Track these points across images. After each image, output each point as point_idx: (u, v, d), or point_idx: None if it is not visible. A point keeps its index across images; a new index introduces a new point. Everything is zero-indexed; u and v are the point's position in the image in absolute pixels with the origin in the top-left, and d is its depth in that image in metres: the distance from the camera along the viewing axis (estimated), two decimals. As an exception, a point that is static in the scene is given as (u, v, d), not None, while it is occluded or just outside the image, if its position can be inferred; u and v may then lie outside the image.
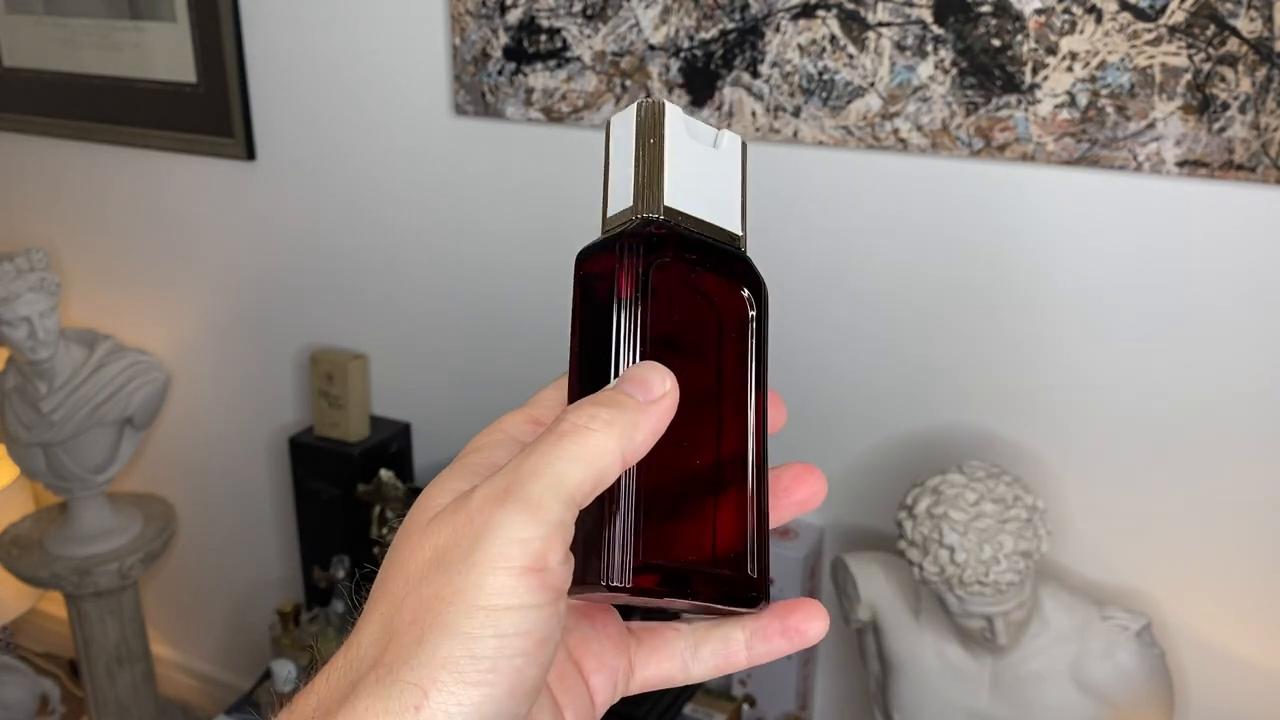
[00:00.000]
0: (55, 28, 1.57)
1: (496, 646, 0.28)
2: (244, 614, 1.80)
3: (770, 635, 0.37)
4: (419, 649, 0.28)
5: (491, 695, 0.28)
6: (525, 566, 0.29)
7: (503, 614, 0.29)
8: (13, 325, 1.46)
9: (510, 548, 0.29)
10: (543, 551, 0.29)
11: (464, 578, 0.29)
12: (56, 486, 1.60)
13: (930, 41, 1.03)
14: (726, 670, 0.38)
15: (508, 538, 0.29)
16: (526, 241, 1.33)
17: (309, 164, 1.45)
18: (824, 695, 1.33)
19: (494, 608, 0.29)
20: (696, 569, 0.34)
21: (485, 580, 0.29)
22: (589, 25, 1.18)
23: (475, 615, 0.29)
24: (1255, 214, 0.96)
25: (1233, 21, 0.91)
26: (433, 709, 0.28)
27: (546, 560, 0.29)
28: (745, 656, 0.37)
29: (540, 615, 0.29)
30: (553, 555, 0.30)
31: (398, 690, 0.28)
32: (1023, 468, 1.10)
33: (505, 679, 0.28)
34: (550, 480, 0.30)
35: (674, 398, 0.32)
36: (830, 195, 1.13)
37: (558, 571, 0.30)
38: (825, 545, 1.26)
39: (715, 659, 0.38)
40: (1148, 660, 1.01)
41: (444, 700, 0.28)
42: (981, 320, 1.10)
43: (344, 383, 1.44)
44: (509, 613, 0.29)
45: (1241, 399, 1.01)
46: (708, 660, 0.38)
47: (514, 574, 0.29)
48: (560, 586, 0.30)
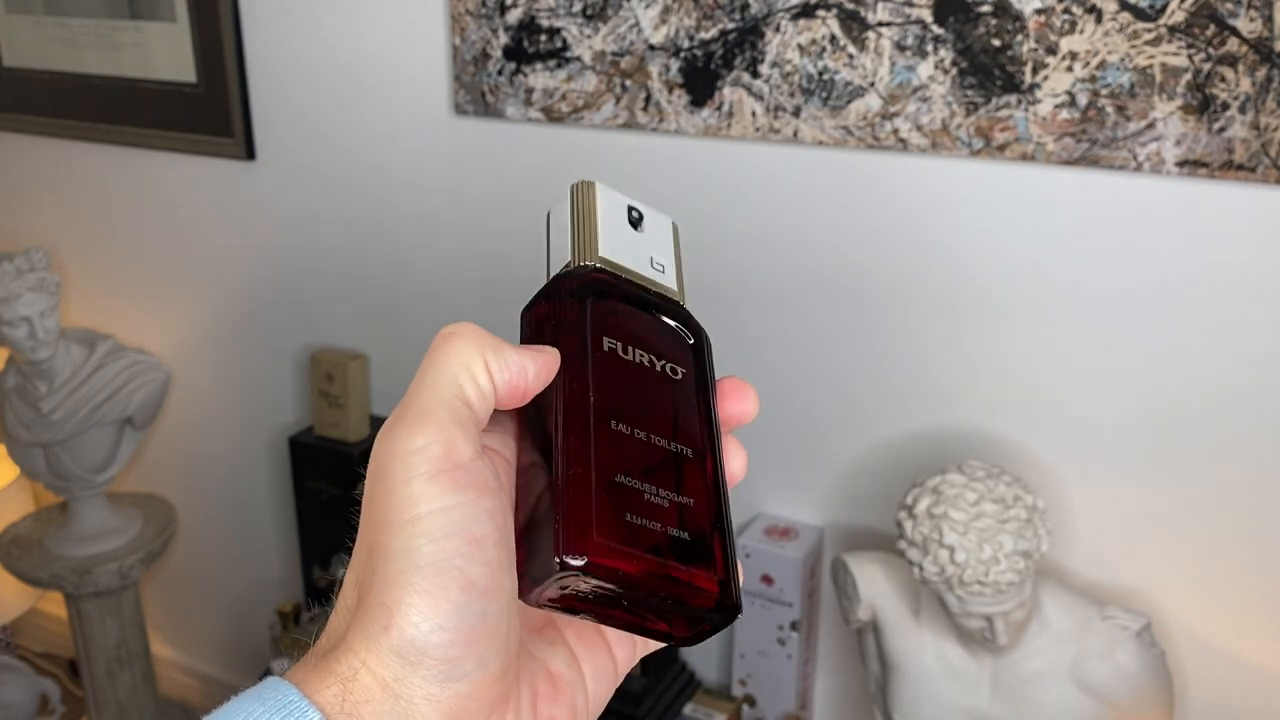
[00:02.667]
0: (55, 27, 1.57)
1: (433, 553, 0.30)
2: (244, 614, 1.80)
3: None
4: (375, 577, 0.31)
5: (446, 597, 0.30)
6: (433, 470, 0.31)
7: (426, 520, 0.30)
8: (13, 325, 1.46)
9: (411, 459, 0.31)
10: (445, 451, 0.31)
11: (385, 502, 0.31)
12: (56, 486, 1.60)
13: (930, 41, 1.03)
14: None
15: (407, 450, 0.31)
16: (526, 241, 1.33)
17: (309, 164, 1.45)
18: (824, 695, 1.33)
19: (417, 517, 0.31)
20: (660, 563, 0.33)
21: (401, 495, 0.31)
22: (589, 25, 1.18)
23: (404, 530, 0.31)
24: (1255, 214, 0.96)
25: (1233, 21, 0.91)
26: (399, 623, 0.30)
27: (454, 457, 0.31)
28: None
29: (464, 512, 0.31)
30: (458, 451, 0.31)
31: (370, 616, 0.31)
32: (1022, 467, 1.10)
33: (453, 580, 0.30)
34: (428, 391, 0.32)
35: (550, 353, 0.35)
36: (830, 195, 1.13)
37: (472, 467, 0.32)
38: (825, 545, 1.26)
39: None
40: (1148, 660, 1.01)
41: (406, 613, 0.30)
42: (982, 320, 1.10)
43: (344, 382, 1.44)
44: (431, 517, 0.30)
45: (1242, 399, 1.01)
46: None
47: (425, 479, 0.31)
48: (480, 483, 0.32)
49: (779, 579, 1.21)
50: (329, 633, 0.33)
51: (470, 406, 0.33)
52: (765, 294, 1.19)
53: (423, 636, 0.30)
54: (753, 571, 1.22)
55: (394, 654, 0.30)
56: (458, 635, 0.30)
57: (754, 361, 1.22)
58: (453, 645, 0.30)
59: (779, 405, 1.22)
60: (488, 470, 0.32)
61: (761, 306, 1.20)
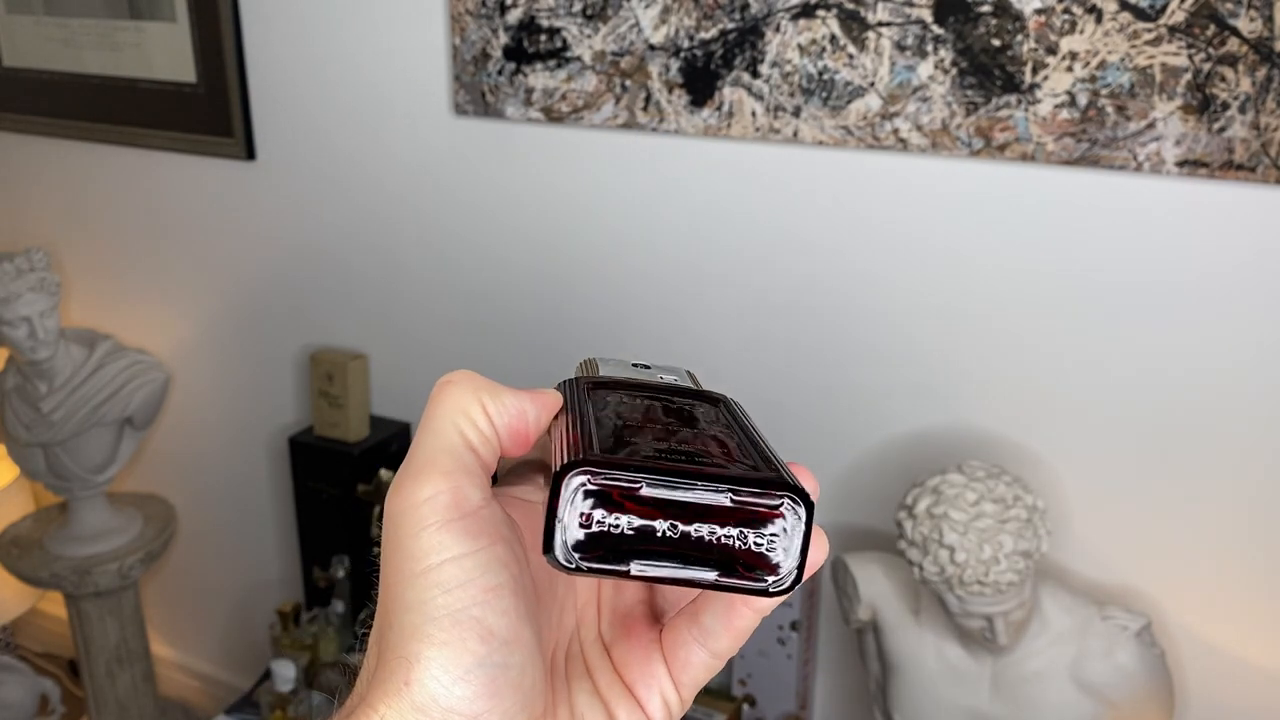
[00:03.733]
0: (55, 28, 1.57)
1: (446, 604, 0.30)
2: (244, 614, 1.80)
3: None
4: (391, 631, 0.30)
5: (466, 649, 0.29)
6: (443, 520, 0.30)
7: (438, 570, 0.30)
8: (13, 325, 1.46)
9: (420, 510, 0.31)
10: (453, 500, 0.31)
11: (397, 555, 0.31)
12: (56, 486, 1.60)
13: (930, 41, 1.03)
14: (736, 633, 0.35)
15: (415, 502, 0.31)
16: (526, 241, 1.33)
17: (309, 164, 1.45)
18: (824, 695, 1.33)
19: (429, 568, 0.30)
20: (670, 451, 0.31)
21: (412, 547, 0.30)
22: (589, 25, 1.18)
23: (416, 582, 0.30)
24: (1255, 214, 0.96)
25: (1233, 21, 0.91)
26: (419, 677, 0.29)
27: (462, 506, 0.31)
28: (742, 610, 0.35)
29: (477, 560, 0.30)
30: (466, 499, 0.31)
31: (388, 672, 0.30)
32: (1022, 467, 1.10)
33: (470, 630, 0.30)
34: (430, 440, 0.32)
35: (550, 393, 0.34)
36: (830, 195, 1.13)
37: (482, 514, 0.31)
38: (825, 545, 1.26)
39: (719, 624, 0.35)
40: (1147, 660, 1.01)
41: (426, 666, 0.29)
42: (981, 320, 1.10)
43: (344, 383, 1.44)
44: (444, 567, 0.30)
45: (1242, 399, 1.01)
46: (718, 632, 0.35)
47: (435, 530, 0.30)
48: (491, 531, 0.31)
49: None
50: (351, 698, 0.32)
51: (474, 451, 0.32)
52: (764, 294, 1.19)
53: (445, 690, 0.29)
54: (753, 571, 1.22)
55: (416, 711, 0.30)
56: (481, 688, 0.30)
57: (754, 361, 1.22)
58: (477, 699, 0.30)
59: (778, 405, 1.22)
60: (498, 516, 0.32)
61: (761, 306, 1.20)
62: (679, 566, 0.31)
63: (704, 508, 0.31)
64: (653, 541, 0.31)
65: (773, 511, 0.31)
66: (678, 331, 1.26)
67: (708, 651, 0.35)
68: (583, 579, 0.37)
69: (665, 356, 1.28)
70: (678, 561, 0.31)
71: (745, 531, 0.31)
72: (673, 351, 1.27)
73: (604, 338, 1.31)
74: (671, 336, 1.27)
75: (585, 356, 0.41)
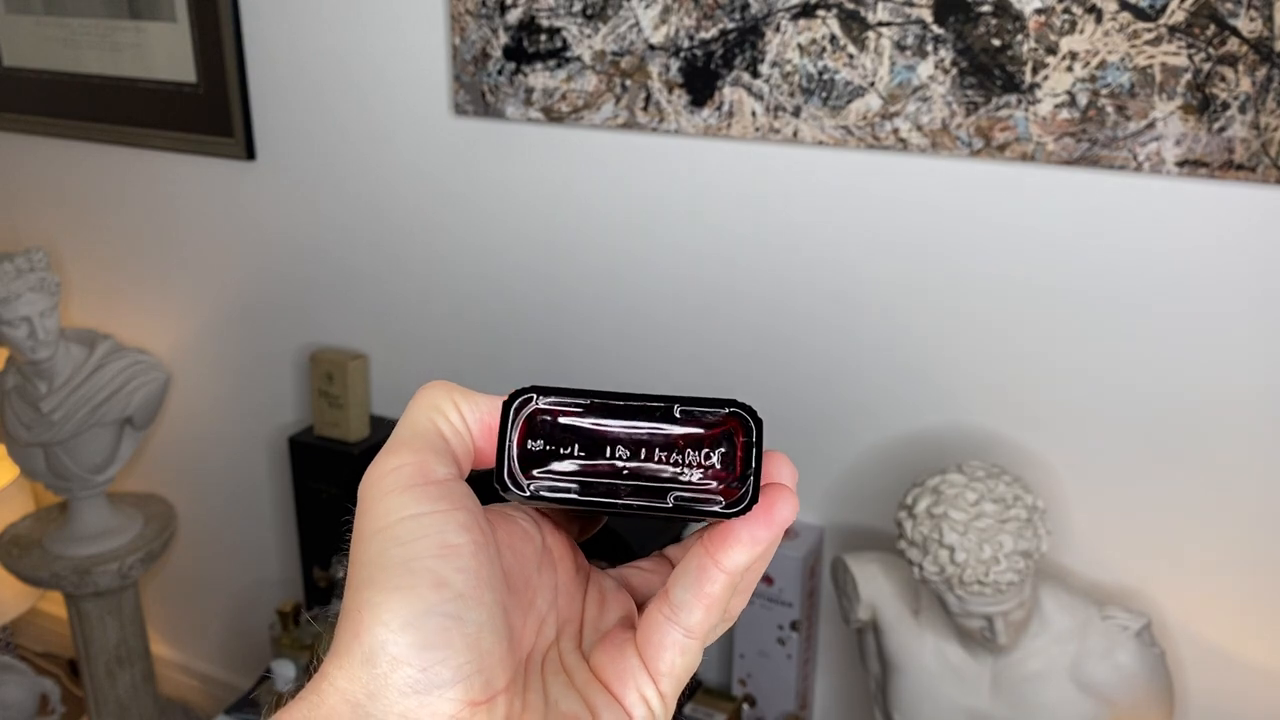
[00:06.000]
0: (55, 27, 1.57)
1: (402, 554, 0.29)
2: (244, 614, 1.80)
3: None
4: (349, 590, 0.30)
5: (415, 594, 0.29)
6: (407, 484, 0.31)
7: (396, 527, 0.30)
8: (13, 325, 1.46)
9: (385, 478, 0.31)
10: (418, 470, 0.31)
11: (361, 520, 0.31)
12: (56, 486, 1.60)
13: (930, 41, 1.03)
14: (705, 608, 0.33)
15: (383, 470, 0.31)
16: (526, 241, 1.33)
17: (308, 164, 1.45)
18: (824, 695, 1.33)
19: (388, 525, 0.30)
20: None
21: (375, 509, 0.31)
22: (589, 25, 1.18)
23: (375, 539, 0.30)
24: (1255, 214, 0.96)
25: (1233, 21, 0.91)
26: (368, 624, 0.29)
27: (428, 475, 0.31)
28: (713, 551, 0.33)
29: (435, 520, 0.30)
30: (432, 470, 0.31)
31: (341, 629, 0.30)
32: (1022, 467, 1.10)
33: (423, 579, 0.29)
34: (402, 429, 0.33)
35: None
36: (830, 195, 1.13)
37: (447, 484, 0.31)
38: (825, 545, 1.26)
39: (689, 595, 0.33)
40: (1148, 660, 1.01)
41: (375, 613, 0.29)
42: (981, 320, 1.10)
43: (344, 382, 1.44)
44: (402, 523, 0.30)
45: (1242, 399, 1.01)
46: (689, 604, 0.33)
47: (397, 492, 0.31)
48: (454, 499, 0.31)
49: (779, 579, 1.21)
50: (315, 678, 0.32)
51: (445, 439, 0.33)
52: (765, 293, 1.19)
53: (392, 637, 0.28)
54: (753, 571, 1.22)
55: (364, 663, 0.29)
56: (429, 636, 0.29)
57: (754, 361, 1.22)
58: (426, 648, 0.28)
59: (779, 405, 1.22)
60: (464, 491, 0.32)
61: (761, 306, 1.20)
62: (631, 491, 0.31)
63: (653, 432, 0.31)
64: (605, 469, 0.31)
65: (720, 427, 0.31)
66: (677, 331, 1.26)
67: (681, 629, 0.33)
68: (565, 569, 0.37)
69: (665, 356, 1.28)
70: (631, 487, 0.31)
71: (693, 451, 0.32)
72: (672, 351, 1.27)
73: (604, 337, 1.31)
74: (671, 336, 1.27)
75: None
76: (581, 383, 1.14)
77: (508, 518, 0.35)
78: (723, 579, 0.32)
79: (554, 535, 0.37)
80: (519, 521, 0.36)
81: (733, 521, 0.32)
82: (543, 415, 0.32)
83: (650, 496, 0.31)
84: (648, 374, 1.29)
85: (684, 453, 0.32)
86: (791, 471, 0.33)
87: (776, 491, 0.32)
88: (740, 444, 0.31)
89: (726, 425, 0.31)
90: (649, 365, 1.29)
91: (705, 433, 0.32)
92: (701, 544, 0.32)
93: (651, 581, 0.38)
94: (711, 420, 0.32)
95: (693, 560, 0.33)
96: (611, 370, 1.31)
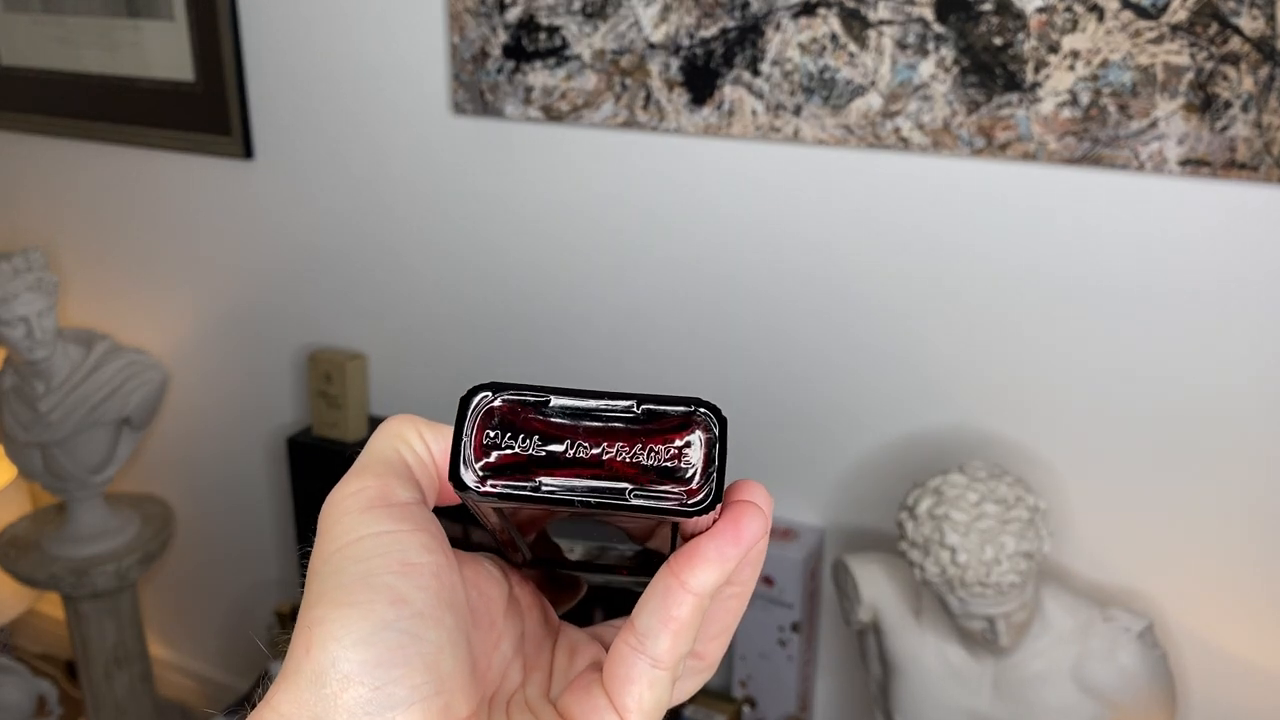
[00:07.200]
0: (53, 26, 1.56)
1: (360, 572, 0.29)
2: (242, 615, 1.79)
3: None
4: (301, 611, 0.29)
5: (371, 610, 0.28)
6: (367, 505, 0.30)
7: (355, 545, 0.29)
8: (10, 325, 1.45)
9: (346, 501, 0.31)
10: (380, 493, 0.31)
11: (320, 541, 0.31)
12: (54, 487, 1.60)
13: (931, 40, 1.02)
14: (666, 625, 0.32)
15: (344, 494, 0.31)
16: (525, 240, 1.32)
17: (307, 162, 1.45)
18: (824, 696, 1.33)
19: (347, 544, 0.29)
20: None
21: (334, 531, 0.30)
22: (589, 23, 1.17)
23: (332, 559, 0.29)
24: (1257, 213, 0.96)
25: (1235, 20, 0.91)
26: (320, 639, 0.28)
27: (389, 498, 0.31)
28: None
29: (395, 539, 0.29)
30: (394, 494, 0.31)
31: (291, 649, 0.29)
32: (1024, 468, 1.10)
33: (381, 595, 0.28)
34: (365, 457, 0.32)
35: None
36: (831, 194, 1.13)
37: (410, 508, 0.31)
38: (826, 546, 1.26)
39: (655, 620, 0.31)
40: (1150, 661, 1.00)
41: (327, 627, 0.28)
42: (983, 320, 1.10)
43: (342, 382, 1.43)
44: (361, 542, 0.29)
45: (1243, 398, 1.00)
46: (655, 630, 0.31)
47: (357, 513, 0.30)
48: (417, 521, 0.30)
49: (780, 580, 1.21)
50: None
51: (409, 467, 0.32)
52: (765, 293, 1.19)
53: (344, 654, 0.27)
54: (753, 572, 1.21)
55: (312, 684, 0.27)
56: (383, 654, 0.27)
57: (753, 360, 1.21)
58: (380, 666, 0.27)
59: (778, 405, 1.21)
60: (427, 516, 0.31)
61: (761, 305, 1.19)
62: (590, 489, 0.30)
63: (613, 429, 0.31)
64: (562, 464, 0.30)
65: (682, 423, 0.31)
66: (676, 329, 1.26)
67: (648, 658, 0.31)
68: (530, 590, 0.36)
69: (665, 355, 1.28)
70: (590, 484, 0.30)
71: (655, 448, 0.31)
72: (672, 350, 1.27)
73: (603, 336, 1.31)
74: (671, 335, 1.26)
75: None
76: (581, 382, 1.13)
77: (475, 559, 0.35)
78: (690, 601, 0.31)
79: (522, 587, 0.36)
80: (485, 564, 0.35)
81: (699, 540, 0.30)
82: (499, 412, 0.31)
83: (610, 495, 0.30)
84: (647, 373, 1.28)
85: (646, 451, 0.31)
86: (766, 497, 0.32)
87: (743, 507, 0.31)
88: (704, 442, 0.30)
89: (690, 423, 0.31)
90: (648, 364, 1.29)
91: (666, 427, 0.31)
92: (667, 566, 0.31)
93: None
94: (674, 418, 0.31)
95: (658, 583, 0.31)
96: (611, 370, 1.31)
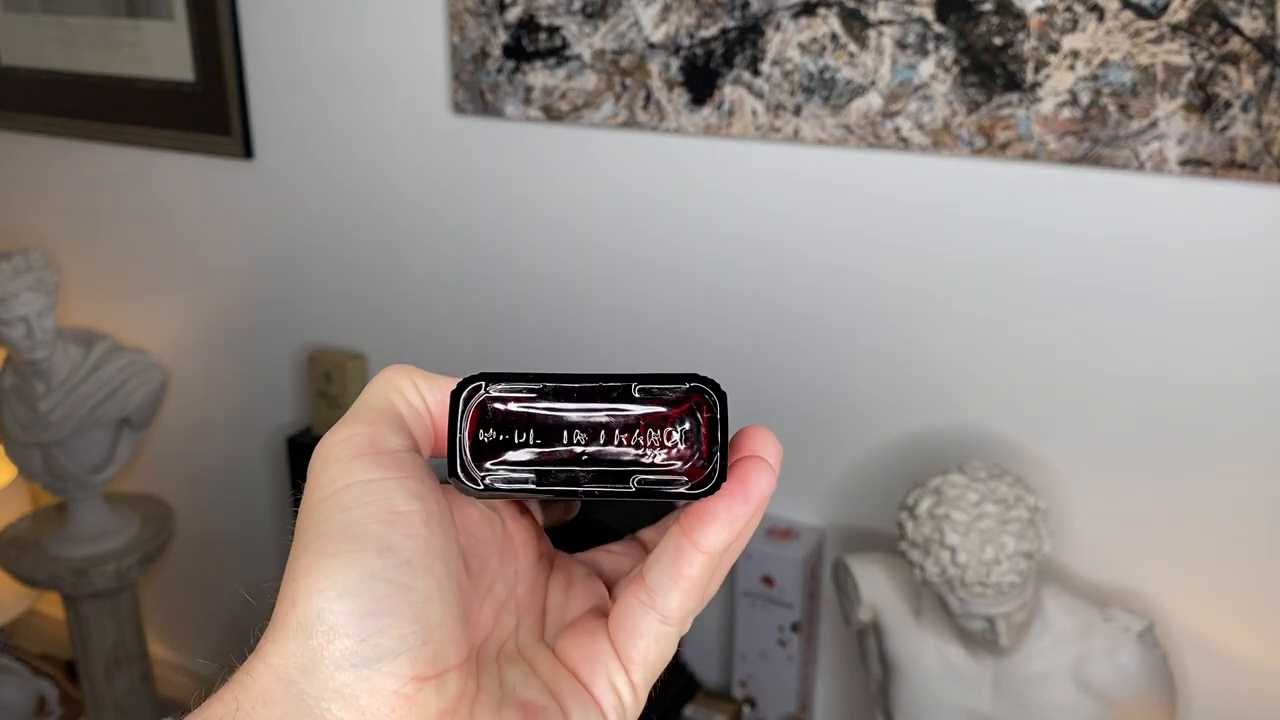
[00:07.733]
0: (53, 26, 1.56)
1: (346, 520, 0.28)
2: (242, 615, 1.79)
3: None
4: (289, 562, 0.29)
5: (357, 560, 0.27)
6: (356, 452, 0.30)
7: (343, 493, 0.29)
8: (10, 325, 1.45)
9: (336, 447, 0.30)
10: (369, 440, 0.30)
11: (309, 490, 0.30)
12: (54, 487, 1.60)
13: (931, 40, 1.02)
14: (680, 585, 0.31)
15: (333, 441, 0.30)
16: (525, 240, 1.32)
17: (307, 162, 1.44)
18: (824, 697, 1.32)
19: (334, 492, 0.29)
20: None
21: (322, 477, 0.30)
22: (589, 23, 1.17)
23: (319, 507, 0.29)
24: (1258, 213, 0.96)
25: (1235, 20, 0.91)
26: (304, 590, 0.27)
27: (379, 445, 0.30)
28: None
29: (384, 487, 0.29)
30: (384, 441, 0.30)
31: (278, 602, 0.28)
32: (1024, 468, 1.10)
33: (368, 544, 0.28)
34: (358, 405, 0.32)
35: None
36: (831, 194, 1.13)
37: (401, 455, 0.30)
38: (826, 546, 1.26)
39: (665, 577, 0.31)
40: (1150, 661, 1.00)
41: (312, 578, 0.27)
42: (983, 320, 1.10)
43: (342, 383, 1.43)
44: (349, 489, 0.29)
45: (1244, 398, 1.00)
46: (666, 587, 0.31)
47: (345, 460, 0.29)
48: (408, 468, 0.30)
49: (779, 580, 1.21)
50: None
51: (401, 416, 0.31)
52: (765, 293, 1.19)
53: (329, 605, 0.26)
54: (753, 573, 1.22)
55: (298, 635, 0.27)
56: (370, 604, 0.27)
57: (753, 360, 1.21)
58: (366, 617, 0.27)
59: (778, 405, 1.21)
60: (419, 462, 0.30)
61: (761, 305, 1.19)
62: (592, 477, 0.30)
63: (612, 413, 0.30)
64: (563, 456, 0.30)
65: (682, 404, 0.30)
66: (676, 330, 1.26)
67: (657, 614, 0.31)
68: (527, 563, 0.35)
69: (664, 355, 1.28)
70: (594, 474, 0.30)
71: (657, 432, 0.30)
72: (672, 350, 1.27)
73: (603, 336, 1.31)
74: (670, 335, 1.26)
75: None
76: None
77: (467, 499, 0.34)
78: (701, 560, 0.30)
79: (516, 521, 0.35)
80: (478, 504, 0.34)
81: (709, 499, 0.30)
82: (494, 403, 0.30)
83: (613, 482, 0.30)
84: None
85: (646, 433, 0.30)
86: (775, 446, 0.31)
87: (750, 464, 0.30)
88: (704, 421, 0.30)
89: (689, 402, 0.30)
90: (647, 364, 1.29)
91: (667, 411, 0.30)
92: (678, 525, 0.31)
93: (622, 565, 0.37)
94: (673, 397, 0.30)
95: (669, 542, 0.31)
96: (609, 369, 1.31)
